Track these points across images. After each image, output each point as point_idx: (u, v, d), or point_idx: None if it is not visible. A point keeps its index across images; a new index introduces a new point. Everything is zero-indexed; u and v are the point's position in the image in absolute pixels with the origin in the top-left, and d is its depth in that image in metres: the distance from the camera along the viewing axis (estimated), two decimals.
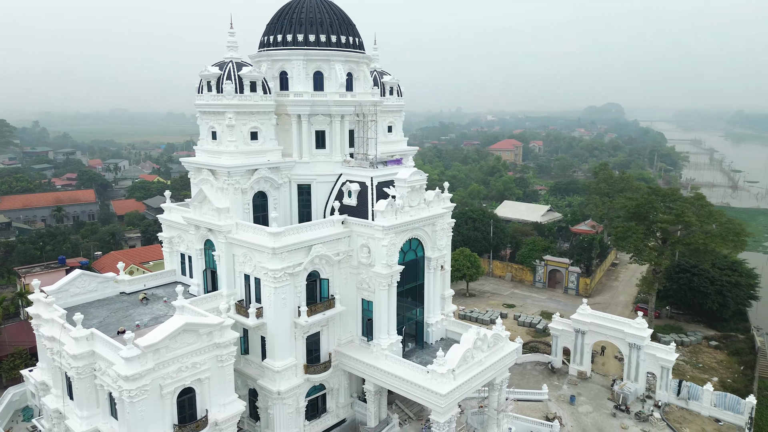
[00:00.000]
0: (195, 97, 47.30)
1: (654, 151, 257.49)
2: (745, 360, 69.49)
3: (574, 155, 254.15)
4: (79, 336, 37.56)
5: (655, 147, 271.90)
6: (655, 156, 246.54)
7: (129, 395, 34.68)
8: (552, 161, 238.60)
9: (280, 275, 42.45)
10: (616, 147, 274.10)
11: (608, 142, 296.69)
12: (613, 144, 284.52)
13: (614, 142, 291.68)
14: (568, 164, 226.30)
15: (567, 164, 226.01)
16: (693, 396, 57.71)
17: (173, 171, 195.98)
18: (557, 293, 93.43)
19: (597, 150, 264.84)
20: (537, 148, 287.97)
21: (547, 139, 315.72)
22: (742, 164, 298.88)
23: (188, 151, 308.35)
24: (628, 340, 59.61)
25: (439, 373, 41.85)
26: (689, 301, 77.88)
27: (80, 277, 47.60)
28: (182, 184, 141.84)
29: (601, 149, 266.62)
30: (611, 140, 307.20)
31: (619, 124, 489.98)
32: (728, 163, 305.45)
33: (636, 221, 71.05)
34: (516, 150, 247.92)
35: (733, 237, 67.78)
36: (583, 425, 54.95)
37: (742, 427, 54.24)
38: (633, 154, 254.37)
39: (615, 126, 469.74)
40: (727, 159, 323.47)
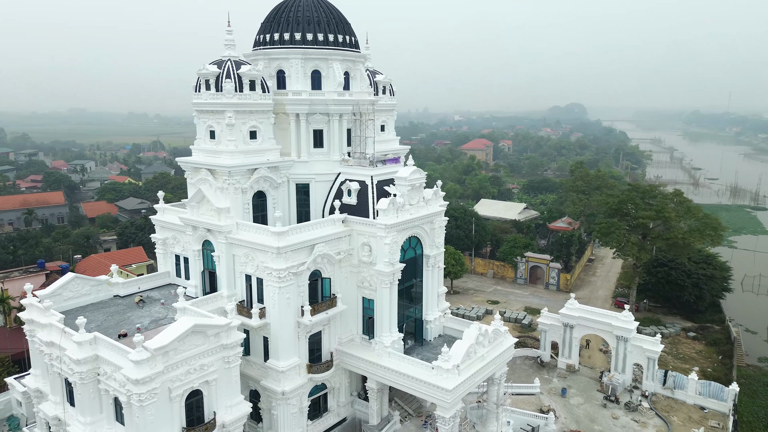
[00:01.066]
0: (192, 96, 46.61)
1: (619, 149, 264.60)
2: (723, 350, 72.32)
3: (543, 154, 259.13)
4: (82, 340, 36.65)
5: (620, 146, 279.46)
6: (620, 155, 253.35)
7: (139, 399, 34.05)
8: (522, 160, 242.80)
9: (285, 275, 42.28)
10: (582, 146, 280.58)
11: (575, 141, 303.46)
12: (580, 143, 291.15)
13: (581, 141, 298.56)
14: (537, 163, 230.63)
15: (537, 163, 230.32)
16: (678, 385, 59.80)
17: (143, 172, 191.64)
18: (539, 289, 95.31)
19: (565, 149, 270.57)
20: (506, 147, 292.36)
21: (516, 139, 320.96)
22: (699, 162, 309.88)
23: (155, 152, 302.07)
24: (616, 333, 61.35)
25: (445, 368, 42.34)
26: (667, 294, 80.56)
27: (74, 281, 46.36)
28: (156, 186, 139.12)
29: (568, 148, 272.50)
30: (578, 139, 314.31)
31: (582, 124, 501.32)
32: (688, 161, 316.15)
33: (618, 217, 73.14)
34: (487, 149, 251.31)
35: (710, 231, 70.44)
36: (575, 417, 56.33)
37: (726, 413, 56.50)
38: (599, 152, 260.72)
39: (579, 126, 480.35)
40: (686, 157, 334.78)
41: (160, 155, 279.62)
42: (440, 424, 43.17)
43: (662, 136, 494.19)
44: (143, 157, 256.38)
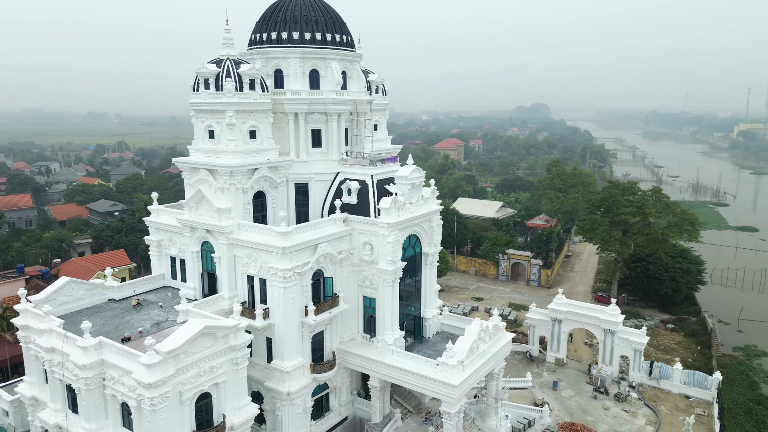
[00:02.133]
0: (191, 95, 45.93)
1: (586, 148, 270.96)
2: (701, 340, 75.15)
3: (513, 153, 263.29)
4: (88, 345, 35.82)
5: (587, 145, 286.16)
6: (587, 153, 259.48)
7: (151, 403, 33.56)
8: (493, 159, 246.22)
9: (290, 275, 42.16)
10: (550, 145, 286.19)
11: (543, 140, 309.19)
12: (548, 142, 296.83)
13: (548, 141, 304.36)
14: (508, 162, 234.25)
15: (507, 162, 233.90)
16: (664, 375, 61.89)
17: (112, 174, 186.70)
18: (520, 285, 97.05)
19: (533, 148, 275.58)
20: (477, 146, 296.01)
21: (485, 138, 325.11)
22: (660, 160, 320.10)
23: (120, 153, 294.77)
24: (603, 326, 63.05)
25: (450, 365, 42.90)
26: (645, 288, 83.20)
27: (68, 285, 45.19)
28: (129, 187, 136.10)
29: (537, 147, 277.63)
30: (545, 138, 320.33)
31: (547, 123, 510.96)
32: (650, 160, 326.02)
33: (600, 214, 75.24)
34: (458, 149, 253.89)
35: (687, 227, 73.12)
36: (568, 408, 57.72)
37: (710, 401, 58.77)
38: (566, 151, 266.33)
39: (544, 125, 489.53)
40: (648, 156, 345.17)
41: (126, 156, 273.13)
42: (445, 420, 43.72)
43: (623, 135, 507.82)
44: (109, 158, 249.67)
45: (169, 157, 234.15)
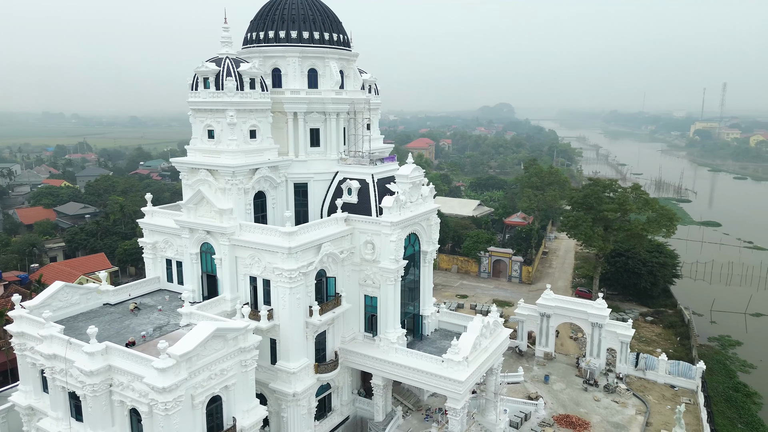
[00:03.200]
0: (188, 94, 45.15)
1: (553, 147, 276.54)
2: (680, 332, 77.84)
3: (483, 153, 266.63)
4: (94, 351, 34.89)
5: (553, 144, 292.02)
6: (554, 152, 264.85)
7: (165, 408, 32.96)
8: (463, 159, 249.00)
9: (295, 275, 41.96)
10: (518, 144, 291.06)
11: (510, 139, 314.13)
12: (515, 141, 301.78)
13: (516, 140, 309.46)
14: (479, 161, 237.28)
15: (478, 161, 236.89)
16: (649, 366, 63.86)
17: (79, 175, 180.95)
18: (502, 282, 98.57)
19: (502, 147, 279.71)
20: (447, 146, 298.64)
21: (455, 138, 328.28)
22: (623, 158, 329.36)
23: (82, 154, 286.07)
24: (591, 320, 64.61)
25: (456, 361, 43.40)
26: (624, 282, 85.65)
27: (63, 290, 43.86)
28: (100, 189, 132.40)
29: (505, 146, 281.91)
30: (513, 138, 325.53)
31: (512, 123, 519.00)
32: (613, 158, 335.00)
33: (583, 211, 77.14)
34: (430, 148, 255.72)
35: (666, 222, 75.66)
36: (561, 401, 58.99)
37: (694, 390, 60.96)
38: (534, 150, 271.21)
39: (510, 124, 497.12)
40: (611, 154, 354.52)
41: (89, 157, 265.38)
42: (451, 416, 44.21)
43: (586, 134, 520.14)
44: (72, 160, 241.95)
45: (135, 158, 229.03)
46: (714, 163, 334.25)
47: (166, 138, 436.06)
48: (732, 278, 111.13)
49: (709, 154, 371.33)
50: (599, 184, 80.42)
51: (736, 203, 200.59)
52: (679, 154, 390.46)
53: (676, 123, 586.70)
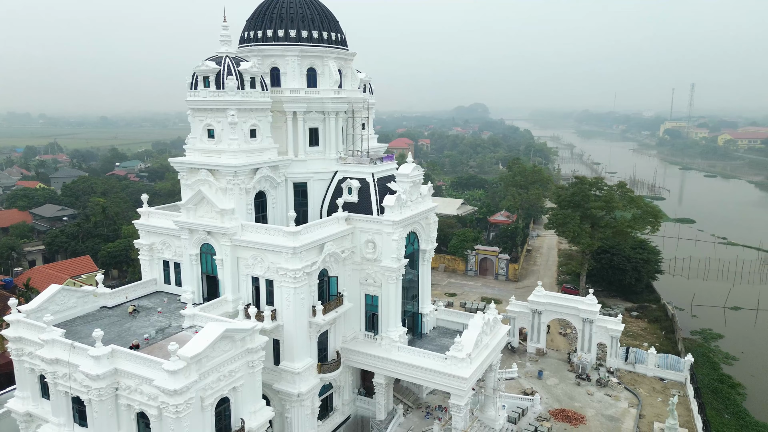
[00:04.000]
0: (187, 93, 44.54)
1: (529, 147, 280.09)
2: (664, 326, 79.74)
3: (461, 152, 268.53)
4: (100, 354, 34.27)
5: (530, 143, 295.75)
6: (531, 151, 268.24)
7: (176, 410, 32.61)
8: (443, 158, 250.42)
9: (300, 275, 41.79)
10: (495, 144, 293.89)
11: (487, 139, 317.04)
12: (492, 141, 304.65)
13: (493, 139, 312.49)
14: (457, 161, 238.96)
15: (457, 161, 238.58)
16: (639, 360, 65.29)
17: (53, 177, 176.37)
18: (489, 280, 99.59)
19: (480, 147, 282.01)
20: (425, 146, 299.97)
21: (433, 138, 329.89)
22: (597, 157, 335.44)
23: (53, 155, 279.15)
24: (582, 316, 65.76)
25: (459, 358, 43.78)
26: (610, 278, 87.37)
27: (60, 293, 42.91)
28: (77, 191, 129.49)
29: (483, 146, 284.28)
30: (489, 137, 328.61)
31: (488, 123, 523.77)
32: (587, 156, 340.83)
33: (571, 209, 78.45)
34: (409, 148, 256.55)
35: (651, 219, 77.46)
36: (556, 396, 59.91)
37: (682, 383, 62.54)
38: (511, 150, 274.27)
39: (485, 124, 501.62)
40: (585, 153, 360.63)
41: (60, 158, 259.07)
42: (454, 413, 44.59)
43: (559, 134, 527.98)
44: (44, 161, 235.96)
45: (110, 159, 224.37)
46: (684, 161, 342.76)
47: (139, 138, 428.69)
48: (709, 273, 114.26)
49: (679, 152, 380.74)
50: (585, 182, 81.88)
51: (708, 200, 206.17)
52: (650, 152, 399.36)
53: (645, 123, 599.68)
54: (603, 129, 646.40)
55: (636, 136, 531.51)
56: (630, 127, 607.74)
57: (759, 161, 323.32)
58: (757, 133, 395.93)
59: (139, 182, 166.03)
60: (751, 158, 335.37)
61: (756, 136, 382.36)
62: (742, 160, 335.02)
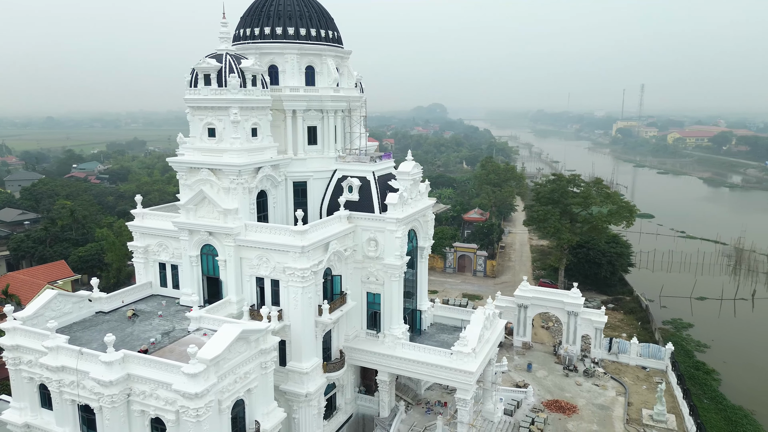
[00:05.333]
0: (186, 91, 43.58)
1: (492, 146, 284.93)
2: (639, 317, 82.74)
3: (426, 152, 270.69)
4: (112, 360, 33.26)
5: (492, 142, 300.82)
6: (493, 150, 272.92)
7: (196, 414, 32.00)
8: None
9: (307, 274, 41.56)
10: (458, 143, 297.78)
11: (450, 138, 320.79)
12: (455, 140, 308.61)
13: (455, 139, 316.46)
14: (423, 160, 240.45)
15: (422, 160, 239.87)
16: (622, 350, 67.57)
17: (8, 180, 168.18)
18: (468, 276, 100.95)
19: (443, 146, 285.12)
20: (390, 145, 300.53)
21: (396, 137, 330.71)
22: (554, 156, 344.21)
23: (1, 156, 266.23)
24: (567, 309, 67.57)
25: (465, 353, 44.44)
26: (586, 272, 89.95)
27: (56, 298, 41.36)
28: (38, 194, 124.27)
29: (446, 146, 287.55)
30: (452, 137, 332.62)
31: (448, 123, 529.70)
32: (546, 155, 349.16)
33: (551, 205, 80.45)
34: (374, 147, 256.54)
35: (626, 214, 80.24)
36: (546, 388, 61.40)
37: (663, 370, 65.10)
38: (474, 149, 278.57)
39: (445, 124, 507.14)
40: (544, 152, 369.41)
41: (9, 160, 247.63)
42: (460, 407, 45.23)
43: (516, 133, 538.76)
44: None
45: (66, 160, 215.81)
46: (636, 159, 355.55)
47: (91, 139, 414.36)
48: (672, 266, 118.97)
49: (631, 151, 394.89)
50: (563, 179, 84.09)
51: (663, 196, 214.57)
52: (603, 151, 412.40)
53: (598, 122, 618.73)
54: (558, 128, 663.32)
55: (590, 135, 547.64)
56: (583, 126, 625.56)
57: (706, 158, 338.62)
58: (704, 131, 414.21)
59: (101, 184, 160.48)
60: (699, 155, 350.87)
61: (703, 134, 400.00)
62: (691, 158, 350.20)
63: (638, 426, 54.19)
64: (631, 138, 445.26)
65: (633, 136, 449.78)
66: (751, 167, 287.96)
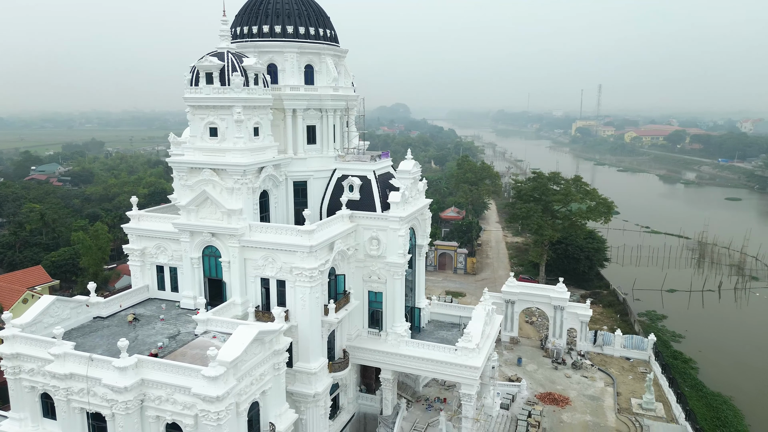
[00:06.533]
0: (186, 90, 42.72)
1: (458, 145, 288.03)
2: (618, 309, 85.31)
3: (394, 151, 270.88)
4: (126, 365, 32.42)
5: (458, 142, 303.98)
6: (460, 150, 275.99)
7: (217, 417, 31.56)
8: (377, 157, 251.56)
9: (315, 274, 41.36)
10: (425, 143, 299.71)
11: (417, 138, 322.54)
12: (422, 140, 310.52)
13: (422, 138, 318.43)
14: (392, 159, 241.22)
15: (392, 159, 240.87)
16: (606, 342, 69.69)
17: None
18: (449, 274, 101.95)
19: (411, 146, 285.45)
20: None
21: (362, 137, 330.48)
22: (516, 155, 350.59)
23: None
24: (554, 303, 69.27)
25: (470, 348, 45.05)
26: (564, 267, 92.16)
27: (54, 304, 39.94)
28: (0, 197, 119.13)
29: (414, 145, 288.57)
30: (418, 136, 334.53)
31: (412, 123, 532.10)
32: (510, 154, 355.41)
33: (533, 202, 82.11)
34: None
35: (604, 210, 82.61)
36: (538, 381, 62.82)
37: (647, 360, 67.45)
38: (441, 149, 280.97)
39: (409, 124, 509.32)
40: (507, 151, 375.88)
41: None
42: (465, 402, 45.79)
43: (478, 133, 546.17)
44: None
45: (24, 162, 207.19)
46: (596, 157, 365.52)
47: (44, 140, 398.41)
48: (641, 260, 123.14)
49: (590, 149, 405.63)
50: (543, 177, 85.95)
51: (625, 193, 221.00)
52: (563, 150, 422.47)
53: (557, 122, 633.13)
54: (518, 128, 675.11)
55: (549, 135, 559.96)
56: (543, 126, 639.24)
57: (662, 156, 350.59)
58: (659, 130, 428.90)
59: (63, 187, 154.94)
60: (655, 153, 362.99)
61: (658, 133, 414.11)
62: (647, 156, 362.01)
63: (629, 415, 56.03)
64: (590, 137, 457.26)
65: (592, 135, 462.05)
66: (705, 164, 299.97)
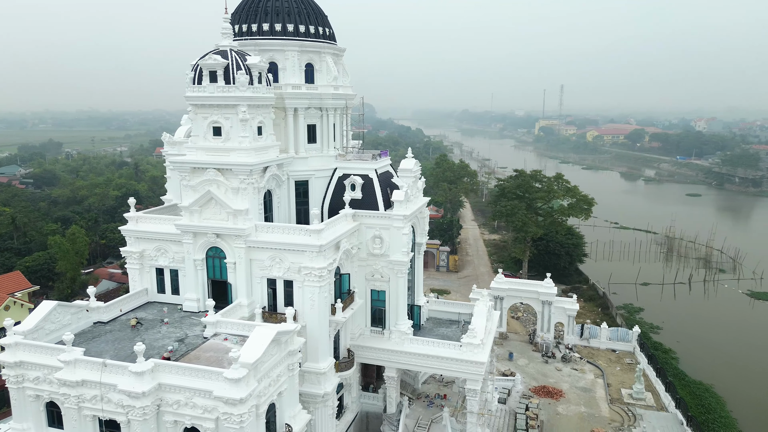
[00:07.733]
0: (188, 88, 41.89)
1: (427, 145, 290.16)
2: (599, 303, 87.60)
3: None
4: (143, 370, 31.71)
5: (427, 142, 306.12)
6: (429, 149, 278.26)
7: (240, 419, 31.19)
8: None
9: (325, 273, 41.23)
10: (395, 142, 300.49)
11: (386, 137, 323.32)
12: (392, 139, 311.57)
13: (391, 138, 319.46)
14: None
15: None
16: (592, 335, 71.55)
17: None
18: (431, 272, 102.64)
19: (381, 145, 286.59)
20: None
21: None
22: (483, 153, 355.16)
23: None
24: (541, 299, 70.69)
25: (475, 344, 45.65)
26: (546, 263, 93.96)
27: (55, 310, 38.67)
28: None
29: (384, 145, 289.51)
30: (387, 136, 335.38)
31: (379, 122, 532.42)
32: (477, 153, 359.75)
33: (516, 200, 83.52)
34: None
35: (585, 206, 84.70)
36: (530, 375, 64.02)
37: (631, 351, 69.53)
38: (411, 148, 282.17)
39: (376, 124, 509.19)
40: (474, 150, 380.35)
41: None
42: (470, 397, 46.35)
43: (444, 132, 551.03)
44: None
45: None
46: (560, 156, 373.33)
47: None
48: (613, 255, 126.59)
49: (554, 148, 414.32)
50: (525, 175, 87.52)
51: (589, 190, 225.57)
52: (527, 148, 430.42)
53: (520, 121, 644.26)
54: (482, 128, 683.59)
55: (513, 134, 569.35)
56: (506, 125, 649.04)
57: (622, 154, 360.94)
58: (619, 129, 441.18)
59: (27, 189, 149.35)
60: (616, 152, 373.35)
61: (618, 132, 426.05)
62: (609, 154, 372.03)
63: (621, 404, 57.70)
64: (552, 136, 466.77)
65: (554, 134, 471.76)
66: (664, 162, 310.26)
